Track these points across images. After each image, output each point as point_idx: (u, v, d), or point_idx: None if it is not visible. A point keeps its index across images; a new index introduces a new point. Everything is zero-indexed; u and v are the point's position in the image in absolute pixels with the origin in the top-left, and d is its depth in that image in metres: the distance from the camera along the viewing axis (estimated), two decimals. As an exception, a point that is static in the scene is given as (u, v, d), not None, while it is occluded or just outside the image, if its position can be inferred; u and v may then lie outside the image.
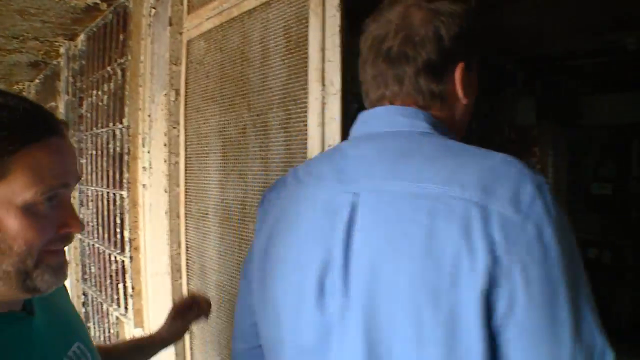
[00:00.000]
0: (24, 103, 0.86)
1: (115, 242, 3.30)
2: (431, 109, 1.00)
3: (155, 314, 2.89)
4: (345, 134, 1.56)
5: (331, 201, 0.94)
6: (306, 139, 1.66)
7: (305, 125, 1.67)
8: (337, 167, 0.99)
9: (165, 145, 2.61)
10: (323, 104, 1.60)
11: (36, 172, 0.81)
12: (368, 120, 1.04)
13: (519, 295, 0.74)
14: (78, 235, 3.95)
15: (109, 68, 3.43)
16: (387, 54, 1.00)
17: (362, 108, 1.10)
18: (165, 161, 2.62)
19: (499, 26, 3.56)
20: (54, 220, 0.86)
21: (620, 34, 3.81)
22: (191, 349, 2.56)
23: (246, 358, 1.24)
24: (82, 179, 3.85)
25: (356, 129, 1.06)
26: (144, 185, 2.96)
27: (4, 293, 0.84)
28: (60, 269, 0.89)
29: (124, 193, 3.15)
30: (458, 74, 1.01)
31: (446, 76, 1.00)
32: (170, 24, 2.61)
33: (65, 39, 4.12)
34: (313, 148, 1.62)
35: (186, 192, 2.56)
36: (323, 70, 1.62)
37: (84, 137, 3.94)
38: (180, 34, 2.61)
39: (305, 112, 1.67)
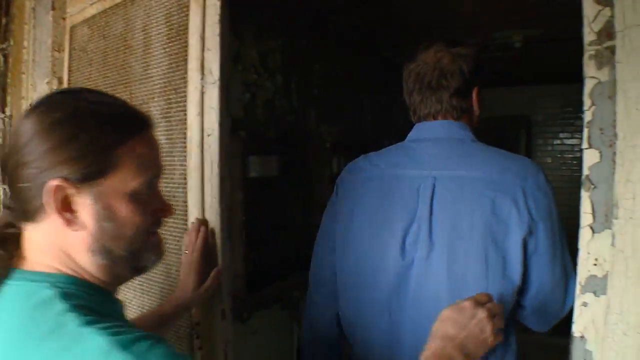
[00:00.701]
0: (117, 100, 0.97)
1: None
2: (461, 119, 1.52)
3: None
4: (224, 123, 1.56)
5: (415, 180, 1.44)
6: (186, 129, 1.64)
7: (185, 114, 1.65)
8: (413, 159, 1.49)
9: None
10: (202, 93, 1.59)
11: (140, 163, 0.89)
12: (423, 129, 1.55)
13: (541, 238, 1.35)
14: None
15: (-11, 54, 3.23)
16: (429, 85, 1.50)
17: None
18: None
19: (394, 21, 3.65)
20: (152, 206, 0.94)
21: (507, 32, 4.02)
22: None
23: (321, 308, 1.67)
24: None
25: (415, 135, 1.56)
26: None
27: (117, 275, 0.93)
28: (160, 248, 1.00)
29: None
30: (475, 95, 1.53)
31: (469, 97, 1.51)
32: (53, 8, 2.49)
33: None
34: (192, 137, 1.61)
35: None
36: (203, 59, 1.60)
37: (-36, 127, 3.69)
38: (64, 19, 2.50)
39: (186, 101, 1.66)
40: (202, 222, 1.58)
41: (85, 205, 0.85)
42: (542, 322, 1.47)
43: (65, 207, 0.84)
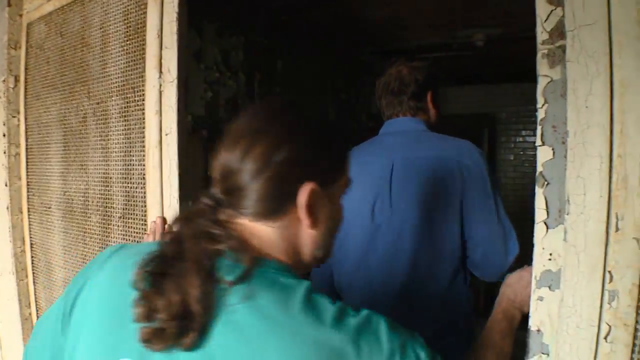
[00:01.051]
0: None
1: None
2: (417, 116, 1.93)
3: (3, 317, 2.70)
4: (182, 122, 1.54)
5: (380, 165, 1.85)
6: (144, 128, 1.62)
7: (144, 113, 1.63)
8: (382, 147, 1.91)
9: (4, 135, 2.44)
10: (160, 91, 1.57)
11: (349, 171, 1.04)
12: (391, 124, 1.96)
13: (474, 199, 1.72)
14: None
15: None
16: (392, 91, 1.94)
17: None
18: (4, 153, 2.44)
19: (355, 18, 3.66)
20: None
21: (469, 30, 4.06)
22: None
23: (320, 271, 2.04)
24: None
25: (384, 129, 1.99)
26: (-17, 179, 2.75)
27: (305, 269, 1.02)
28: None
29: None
30: (429, 97, 1.95)
31: (423, 99, 1.93)
32: (9, 5, 2.43)
33: None
34: (150, 136, 1.59)
35: (28, 185, 2.41)
36: (160, 58, 1.58)
37: None
38: (20, 15, 2.44)
39: (144, 100, 1.63)
40: (164, 220, 1.55)
41: (324, 206, 0.96)
42: (488, 273, 1.79)
43: (312, 209, 0.93)
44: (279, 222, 0.93)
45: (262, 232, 0.94)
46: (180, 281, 0.83)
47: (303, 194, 0.91)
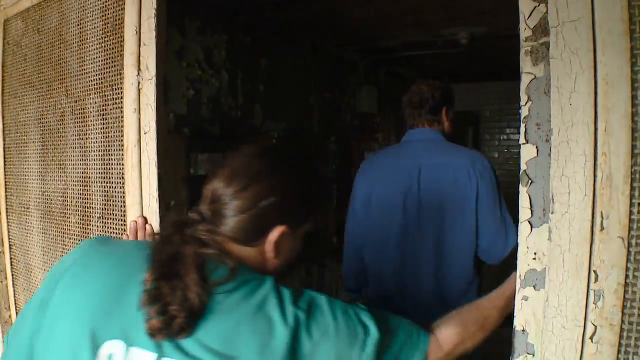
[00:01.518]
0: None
1: None
2: (434, 127, 2.31)
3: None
4: (162, 120, 1.51)
5: (409, 167, 2.22)
6: (123, 126, 1.59)
7: (123, 112, 1.60)
8: (407, 152, 2.30)
9: (-19, 134, 2.39)
10: (139, 89, 1.54)
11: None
12: (413, 134, 2.34)
13: (484, 199, 2.09)
14: None
15: None
16: (414, 105, 2.32)
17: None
18: (-18, 152, 2.39)
19: (339, 16, 3.63)
20: None
21: (454, 29, 4.06)
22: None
23: (356, 258, 2.46)
24: None
25: (406, 138, 2.38)
26: (-40, 179, 2.69)
27: (272, 272, 1.16)
28: None
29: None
30: (444, 112, 2.33)
31: (439, 113, 2.31)
32: (-15, 2, 2.38)
33: None
34: (129, 135, 1.56)
35: (6, 185, 2.36)
36: (139, 55, 1.55)
37: None
38: (-3, 12, 2.39)
39: (122, 98, 1.60)
40: (146, 220, 1.54)
41: (289, 243, 1.16)
42: (492, 258, 2.16)
43: (278, 246, 1.12)
44: (250, 249, 1.12)
45: (237, 248, 1.11)
46: (181, 281, 0.99)
47: (275, 234, 1.10)
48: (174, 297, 0.96)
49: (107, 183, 1.71)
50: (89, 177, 1.81)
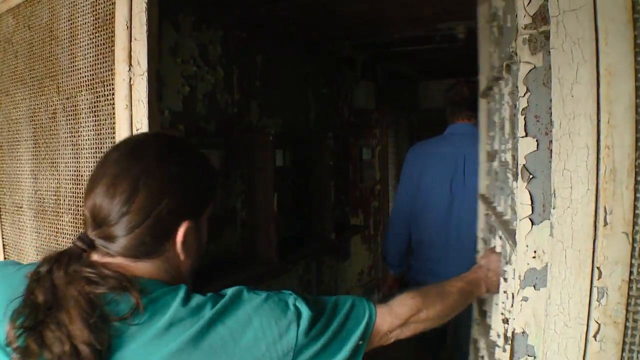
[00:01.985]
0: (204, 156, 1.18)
1: None
2: (472, 122, 2.76)
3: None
4: (153, 116, 1.48)
5: (454, 154, 2.82)
6: (115, 123, 1.56)
7: (114, 108, 1.57)
8: (450, 143, 2.88)
9: (-27, 133, 2.35)
10: (130, 85, 1.51)
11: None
12: (455, 127, 2.92)
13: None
14: None
15: None
16: (455, 102, 2.90)
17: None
18: (-26, 151, 2.36)
19: (335, 11, 3.60)
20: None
21: (451, 23, 4.03)
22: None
23: (403, 234, 3.04)
24: None
25: (449, 130, 2.95)
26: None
27: (189, 274, 1.11)
28: None
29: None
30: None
31: (476, 109, 2.33)
32: (-24, -2, 2.35)
33: None
34: (121, 132, 1.53)
35: (-1, 184, 2.33)
36: (130, 50, 1.52)
37: None
38: (-13, 9, 2.35)
39: (114, 94, 1.57)
40: None
41: (195, 237, 1.07)
42: None
43: (185, 244, 1.03)
44: (154, 260, 1.01)
45: (141, 266, 1.00)
46: (63, 330, 0.85)
47: (180, 235, 1.01)
48: (52, 356, 0.83)
49: (99, 181, 1.68)
50: (82, 175, 1.77)
